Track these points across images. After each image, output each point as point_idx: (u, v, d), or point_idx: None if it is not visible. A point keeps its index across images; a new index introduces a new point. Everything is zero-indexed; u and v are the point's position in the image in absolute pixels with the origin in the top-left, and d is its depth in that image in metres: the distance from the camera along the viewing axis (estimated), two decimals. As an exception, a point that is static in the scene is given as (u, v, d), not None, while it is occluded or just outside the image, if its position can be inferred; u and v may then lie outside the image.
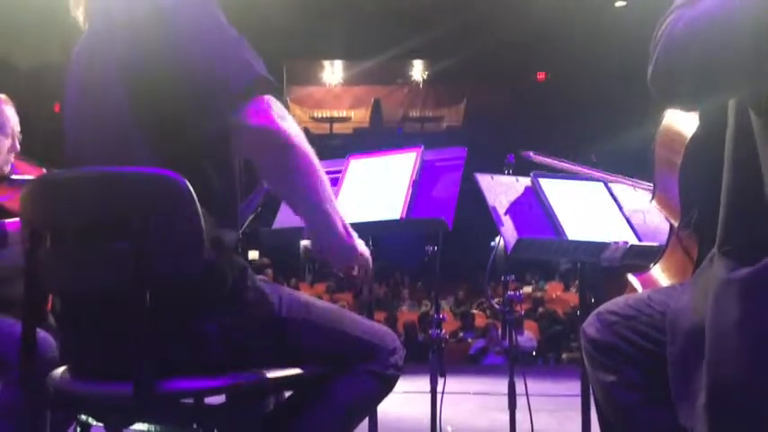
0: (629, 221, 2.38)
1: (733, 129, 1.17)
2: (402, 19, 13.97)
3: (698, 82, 1.06)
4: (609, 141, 11.63)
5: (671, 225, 1.82)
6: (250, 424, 1.55)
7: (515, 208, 2.32)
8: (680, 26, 1.05)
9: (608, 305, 1.46)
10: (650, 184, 1.90)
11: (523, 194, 2.38)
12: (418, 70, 18.14)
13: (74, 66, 1.51)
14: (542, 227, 2.30)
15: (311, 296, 1.59)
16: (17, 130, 2.35)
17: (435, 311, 2.74)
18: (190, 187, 1.28)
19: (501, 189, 2.35)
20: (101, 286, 1.35)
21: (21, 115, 2.36)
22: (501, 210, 2.29)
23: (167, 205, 1.30)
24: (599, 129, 13.19)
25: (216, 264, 1.34)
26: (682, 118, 1.65)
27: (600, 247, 2.27)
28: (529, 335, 8.79)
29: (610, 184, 2.49)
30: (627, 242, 2.26)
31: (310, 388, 1.48)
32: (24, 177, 2.25)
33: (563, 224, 2.29)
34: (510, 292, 2.64)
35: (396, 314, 10.36)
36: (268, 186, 1.55)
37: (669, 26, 1.07)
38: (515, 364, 2.61)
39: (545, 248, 2.31)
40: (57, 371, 1.47)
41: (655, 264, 1.87)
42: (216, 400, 1.38)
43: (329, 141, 16.32)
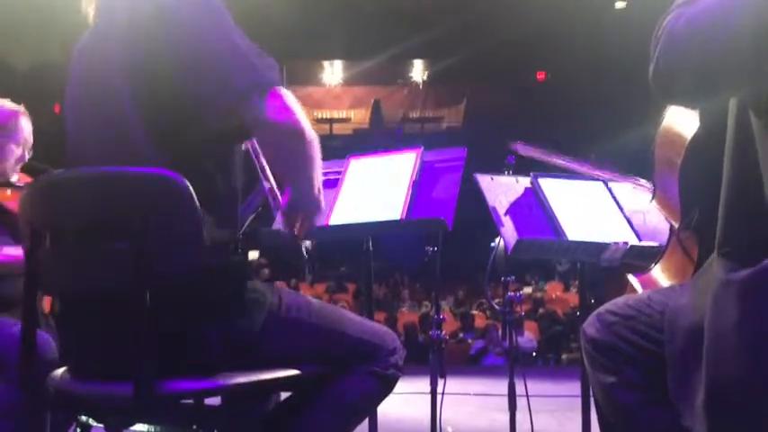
0: (629, 221, 2.38)
1: (733, 129, 1.17)
2: (402, 19, 13.97)
3: (698, 80, 1.06)
4: (609, 141, 11.62)
5: (671, 225, 1.82)
6: (250, 424, 1.55)
7: (515, 208, 2.32)
8: (680, 24, 1.05)
9: (608, 305, 1.46)
10: (647, 182, 1.90)
11: (523, 195, 2.38)
12: (418, 70, 18.14)
13: (75, 64, 1.51)
14: (542, 227, 2.30)
15: (311, 296, 1.59)
16: (30, 142, 2.36)
17: (435, 312, 2.74)
18: (190, 187, 1.28)
19: (501, 189, 2.35)
20: (101, 286, 1.35)
21: None
22: (501, 210, 2.29)
23: (167, 205, 1.30)
24: (599, 129, 13.18)
25: (216, 264, 1.34)
26: (682, 118, 1.65)
27: (600, 248, 2.27)
28: (529, 335, 8.79)
29: (610, 184, 2.49)
30: (627, 242, 2.26)
31: (310, 388, 1.48)
32: (28, 183, 2.25)
33: (563, 224, 2.29)
34: (510, 293, 2.64)
35: (396, 315, 10.37)
36: (275, 167, 1.58)
37: (669, 25, 1.07)
38: (515, 365, 2.61)
39: (545, 249, 2.31)
40: (57, 371, 1.47)
41: (655, 264, 1.87)
42: (216, 401, 1.38)
43: (329, 142, 16.31)
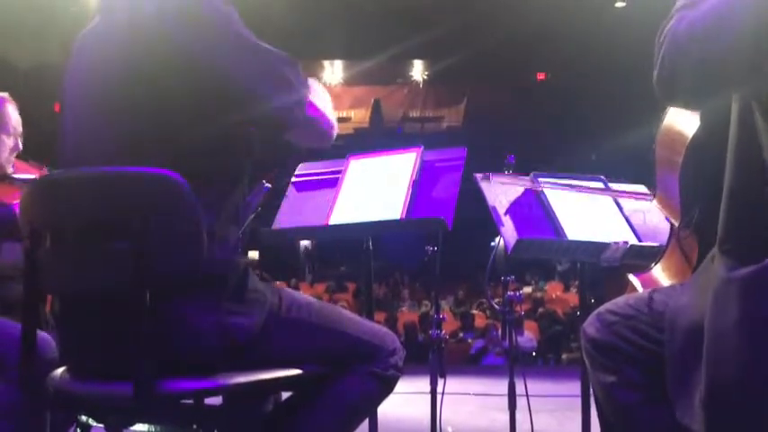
0: (629, 221, 2.38)
1: (736, 127, 1.16)
2: (402, 19, 13.96)
3: (701, 82, 1.06)
4: (609, 141, 11.63)
5: (671, 225, 1.82)
6: (250, 424, 1.55)
7: (515, 208, 2.31)
8: (682, 27, 1.06)
9: (608, 305, 1.46)
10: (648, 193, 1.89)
11: (523, 194, 2.37)
12: (418, 70, 18.13)
13: (74, 61, 1.50)
14: (542, 227, 2.30)
15: (311, 296, 1.59)
16: (19, 130, 2.35)
17: (435, 312, 2.74)
18: (189, 187, 1.28)
19: (501, 189, 2.35)
20: (101, 286, 1.35)
21: (20, 115, 2.36)
22: (501, 210, 2.29)
23: (167, 205, 1.30)
24: (599, 129, 13.19)
25: (216, 264, 1.34)
26: (682, 118, 1.65)
27: (600, 248, 2.26)
28: (529, 335, 8.79)
29: (610, 184, 2.49)
30: (627, 242, 2.26)
31: (310, 388, 1.48)
32: (26, 177, 2.25)
33: (563, 224, 2.29)
34: (510, 293, 2.64)
35: (396, 314, 10.36)
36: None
37: (672, 28, 1.08)
38: (515, 365, 2.61)
39: (545, 249, 2.31)
40: (56, 371, 1.47)
41: (655, 263, 1.87)
42: (216, 401, 1.38)
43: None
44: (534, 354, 8.75)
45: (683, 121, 1.65)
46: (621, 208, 2.42)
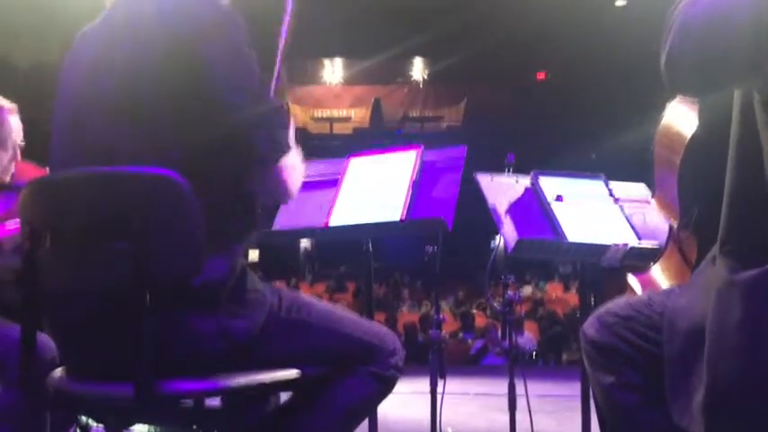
0: (629, 221, 2.37)
1: (737, 127, 1.16)
2: (402, 18, 13.96)
3: (704, 74, 1.05)
4: (609, 141, 11.64)
5: (670, 225, 1.82)
6: (250, 425, 1.55)
7: (515, 208, 2.31)
8: (695, 12, 1.04)
9: (608, 306, 1.46)
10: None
11: (523, 194, 2.37)
12: (418, 70, 18.14)
13: (72, 59, 1.50)
14: (542, 227, 2.30)
15: (311, 296, 1.59)
16: (19, 140, 2.31)
17: (435, 312, 2.74)
18: (189, 187, 1.28)
19: (501, 189, 2.35)
20: (101, 286, 1.35)
21: (20, 115, 2.34)
22: (501, 210, 2.29)
23: (167, 205, 1.30)
24: (599, 128, 13.19)
25: (216, 265, 1.34)
26: (681, 118, 1.65)
27: (600, 250, 2.26)
28: (529, 336, 8.78)
29: (610, 184, 2.49)
30: (627, 244, 2.25)
31: (310, 389, 1.48)
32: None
33: (562, 225, 2.28)
34: (510, 293, 2.64)
35: (396, 315, 10.36)
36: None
37: (682, 13, 1.06)
38: (515, 365, 2.61)
39: (545, 249, 2.31)
40: (56, 372, 1.46)
41: (654, 264, 1.87)
42: (216, 402, 1.38)
43: (329, 141, 16.31)
44: (534, 354, 8.75)
45: (682, 122, 1.65)
46: (622, 208, 2.42)
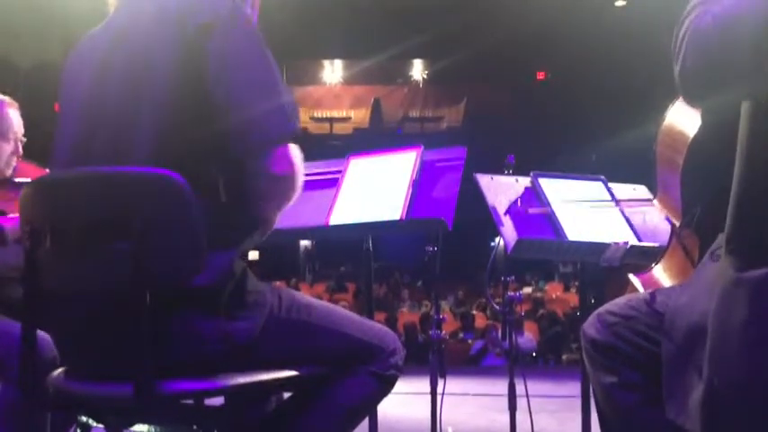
0: (629, 221, 2.37)
1: (745, 126, 1.15)
2: (402, 19, 13.97)
3: (720, 83, 1.04)
4: (609, 141, 11.64)
5: (672, 225, 1.82)
6: (250, 425, 1.54)
7: (515, 208, 2.31)
8: (706, 22, 1.03)
9: (608, 306, 1.46)
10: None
11: (523, 194, 2.37)
12: (418, 70, 18.16)
13: (75, 60, 1.50)
14: (542, 227, 2.30)
15: (311, 296, 1.59)
16: (20, 134, 2.33)
17: (435, 312, 2.74)
18: (189, 188, 1.28)
19: (501, 189, 2.35)
20: (101, 286, 1.35)
21: (21, 115, 2.34)
22: (501, 210, 2.29)
23: (167, 205, 1.30)
24: (599, 128, 13.20)
25: (216, 266, 1.33)
26: (683, 117, 1.65)
27: (600, 248, 2.26)
28: (529, 336, 8.78)
29: (610, 184, 2.49)
30: (627, 242, 2.26)
31: (310, 389, 1.48)
32: (26, 180, 2.24)
33: (563, 225, 2.28)
34: (510, 293, 2.64)
35: (396, 315, 10.35)
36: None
37: (695, 23, 1.05)
38: (515, 365, 2.61)
39: (545, 249, 2.31)
40: (56, 371, 1.46)
41: (656, 263, 1.87)
42: (216, 401, 1.37)
43: (329, 141, 16.31)
44: (534, 354, 8.75)
45: (684, 121, 1.64)
46: (621, 209, 2.42)
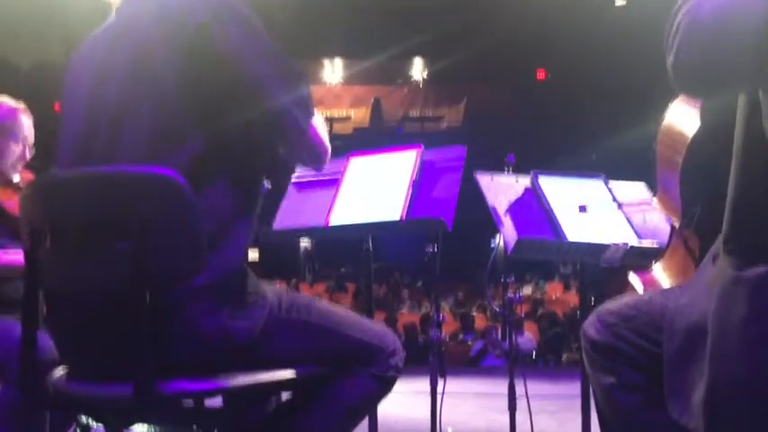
0: (629, 221, 2.37)
1: (742, 125, 1.15)
2: (402, 19, 13.97)
3: (713, 76, 1.03)
4: (609, 141, 11.64)
5: (672, 225, 1.82)
6: (250, 425, 1.54)
7: (515, 208, 2.31)
8: (703, 13, 1.02)
9: (608, 306, 1.46)
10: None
11: (523, 194, 2.37)
12: (418, 69, 18.15)
13: (79, 61, 1.50)
14: (542, 227, 2.30)
15: (311, 296, 1.59)
16: (31, 141, 2.34)
17: (435, 313, 2.74)
18: (189, 187, 1.28)
19: (501, 189, 2.35)
20: (101, 286, 1.35)
21: None
22: (501, 210, 2.29)
23: (167, 205, 1.30)
24: (599, 128, 13.20)
25: (216, 265, 1.33)
26: (683, 117, 1.65)
27: (600, 249, 2.26)
28: (529, 336, 8.77)
29: (610, 183, 2.49)
30: (627, 243, 2.25)
31: (310, 389, 1.48)
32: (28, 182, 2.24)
33: (562, 225, 2.28)
34: (510, 294, 2.64)
35: (396, 315, 10.35)
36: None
37: (690, 14, 1.04)
38: (515, 366, 2.61)
39: (545, 249, 2.31)
40: (56, 371, 1.46)
41: (656, 263, 1.87)
42: (216, 401, 1.37)
43: (329, 141, 16.28)
44: (534, 355, 8.74)
45: (684, 121, 1.64)
46: (621, 208, 2.42)
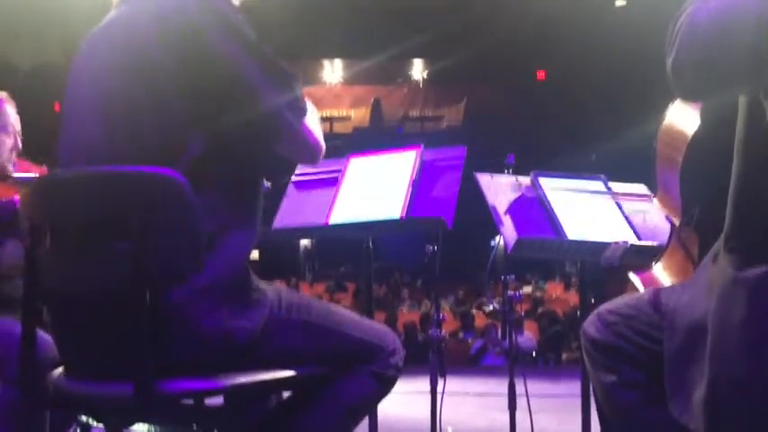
0: (628, 221, 2.37)
1: (744, 123, 1.15)
2: (402, 19, 13.97)
3: (711, 78, 1.04)
4: (609, 141, 11.63)
5: (672, 224, 1.82)
6: (250, 425, 1.54)
7: (515, 208, 2.31)
8: (701, 17, 1.03)
9: (608, 305, 1.46)
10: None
11: (523, 194, 2.37)
12: (418, 70, 18.15)
13: (79, 60, 1.50)
14: (542, 227, 2.30)
15: (311, 296, 1.59)
16: (18, 129, 2.35)
17: (435, 311, 2.74)
18: (189, 187, 1.28)
19: (501, 189, 2.35)
20: (101, 286, 1.34)
21: (20, 115, 2.36)
22: (501, 209, 2.29)
23: (167, 205, 1.30)
24: (599, 128, 13.20)
25: (217, 265, 1.33)
26: (683, 117, 1.65)
27: (600, 247, 2.26)
28: (529, 335, 8.77)
29: (610, 184, 2.49)
30: (627, 242, 2.26)
31: (310, 388, 1.48)
32: (27, 175, 2.25)
33: (563, 224, 2.29)
34: (510, 292, 2.64)
35: (396, 314, 10.35)
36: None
37: (690, 17, 1.05)
38: (515, 365, 2.61)
39: (545, 248, 2.31)
40: (56, 371, 1.46)
41: (656, 262, 1.87)
42: (216, 401, 1.37)
43: (329, 141, 16.24)
44: (534, 354, 8.74)
45: (684, 120, 1.65)
46: (621, 207, 2.42)
